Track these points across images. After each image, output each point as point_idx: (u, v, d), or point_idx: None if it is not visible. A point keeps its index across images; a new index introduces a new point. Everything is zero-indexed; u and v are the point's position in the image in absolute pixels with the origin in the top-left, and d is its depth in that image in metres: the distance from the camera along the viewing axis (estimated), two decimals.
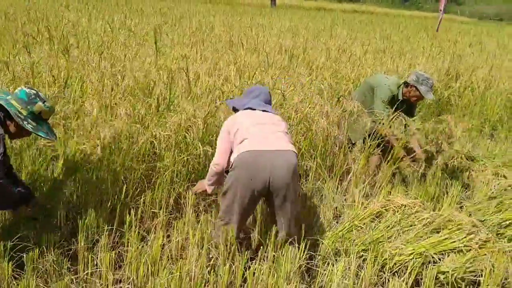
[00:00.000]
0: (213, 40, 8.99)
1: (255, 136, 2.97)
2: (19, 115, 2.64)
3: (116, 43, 7.28)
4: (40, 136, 2.77)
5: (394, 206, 3.46)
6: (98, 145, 3.35)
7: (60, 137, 3.33)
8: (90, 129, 3.49)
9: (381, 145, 4.28)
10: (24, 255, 2.74)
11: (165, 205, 3.48)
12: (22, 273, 2.71)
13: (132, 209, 3.28)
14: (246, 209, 2.98)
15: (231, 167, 2.97)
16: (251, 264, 2.91)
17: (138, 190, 3.56)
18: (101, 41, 7.25)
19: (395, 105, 4.43)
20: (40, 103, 2.71)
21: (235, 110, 3.35)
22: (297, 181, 2.99)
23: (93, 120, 3.53)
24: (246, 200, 2.92)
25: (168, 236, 3.31)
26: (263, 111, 3.20)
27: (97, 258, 2.90)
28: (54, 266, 2.79)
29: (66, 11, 12.20)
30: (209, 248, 3.02)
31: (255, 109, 3.20)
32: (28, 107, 2.67)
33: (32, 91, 2.73)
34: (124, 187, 3.43)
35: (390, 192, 3.91)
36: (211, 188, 3.27)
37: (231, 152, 3.06)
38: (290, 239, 2.98)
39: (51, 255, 2.81)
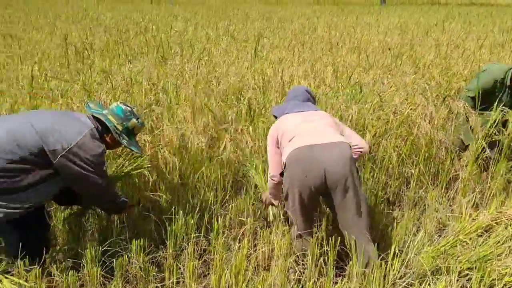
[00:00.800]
0: (314, 42, 8.82)
1: (302, 132, 2.89)
2: (116, 130, 2.77)
3: (217, 50, 7.41)
4: (132, 150, 2.90)
5: (507, 219, 3.04)
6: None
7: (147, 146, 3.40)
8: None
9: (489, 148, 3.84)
10: (114, 261, 2.80)
11: (253, 213, 3.39)
12: (112, 278, 2.77)
13: (220, 216, 3.25)
14: (308, 209, 2.84)
15: (284, 169, 2.86)
16: (339, 279, 2.71)
17: (227, 196, 3.52)
18: (203, 48, 7.43)
19: (503, 92, 3.97)
20: (134, 120, 2.84)
21: (277, 118, 3.27)
22: (356, 174, 2.77)
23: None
24: (306, 199, 2.78)
25: (256, 245, 3.21)
26: (303, 111, 3.13)
27: (183, 266, 2.89)
28: (142, 273, 2.82)
29: (174, 21, 12.78)
30: (295, 260, 2.87)
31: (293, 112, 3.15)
32: (124, 123, 2.80)
33: (128, 107, 2.85)
34: (213, 194, 3.41)
35: (504, 203, 3.45)
36: (275, 201, 3.25)
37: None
38: (362, 243, 2.75)
39: (139, 261, 2.85)
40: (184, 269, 2.86)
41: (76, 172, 2.55)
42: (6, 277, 2.50)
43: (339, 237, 2.85)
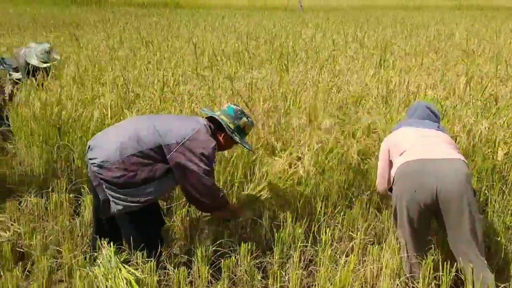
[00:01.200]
0: (449, 49, 8.29)
1: (415, 146, 2.74)
2: (229, 128, 2.89)
3: (343, 57, 7.31)
4: (245, 147, 3.05)
5: None
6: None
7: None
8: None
9: None
10: (222, 261, 2.89)
11: (365, 227, 3.27)
12: (219, 278, 2.86)
13: (329, 228, 3.19)
14: (418, 228, 2.66)
15: (393, 183, 2.72)
16: None
17: (338, 208, 3.44)
18: (328, 55, 7.39)
19: None
20: (244, 119, 2.97)
21: None
22: (472, 194, 2.53)
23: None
24: (415, 217, 2.61)
25: (364, 261, 3.09)
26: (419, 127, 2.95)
27: (287, 274, 2.88)
28: (247, 276, 2.87)
29: (305, 28, 12.89)
30: (404, 282, 2.72)
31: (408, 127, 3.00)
32: (235, 121, 2.94)
33: (238, 107, 3.01)
34: (323, 204, 3.36)
35: None
36: None
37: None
38: (479, 270, 2.50)
39: (246, 264, 2.90)
40: (288, 278, 2.86)
41: (186, 165, 2.70)
42: (124, 267, 2.72)
43: (455, 262, 2.64)
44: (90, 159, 2.73)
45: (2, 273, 2.84)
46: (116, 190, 2.68)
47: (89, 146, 2.80)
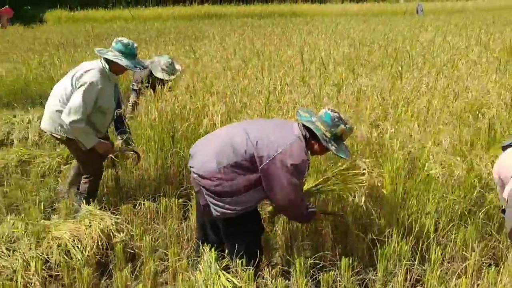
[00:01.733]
0: None
1: None
2: (325, 137, 2.79)
3: (463, 61, 6.80)
4: (340, 156, 2.87)
5: None
6: None
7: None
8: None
9: None
10: (321, 275, 2.81)
11: (481, 247, 2.98)
12: None
13: (439, 246, 2.96)
14: None
15: (505, 204, 2.44)
16: None
17: (451, 225, 3.17)
18: (447, 60, 6.93)
19: None
20: (342, 126, 2.81)
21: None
22: None
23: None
24: None
25: (478, 285, 2.81)
26: None
27: None
28: None
29: (424, 32, 12.27)
30: None
31: None
32: (332, 129, 2.80)
33: (336, 114, 2.84)
34: (434, 220, 3.13)
35: None
36: None
37: None
38: None
39: (345, 280, 2.79)
40: None
41: (275, 177, 2.67)
42: (223, 274, 2.75)
43: None
44: (191, 166, 2.84)
45: (114, 272, 3.03)
46: (214, 198, 2.75)
47: (190, 154, 2.90)
